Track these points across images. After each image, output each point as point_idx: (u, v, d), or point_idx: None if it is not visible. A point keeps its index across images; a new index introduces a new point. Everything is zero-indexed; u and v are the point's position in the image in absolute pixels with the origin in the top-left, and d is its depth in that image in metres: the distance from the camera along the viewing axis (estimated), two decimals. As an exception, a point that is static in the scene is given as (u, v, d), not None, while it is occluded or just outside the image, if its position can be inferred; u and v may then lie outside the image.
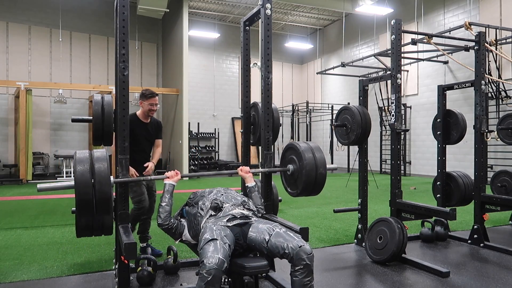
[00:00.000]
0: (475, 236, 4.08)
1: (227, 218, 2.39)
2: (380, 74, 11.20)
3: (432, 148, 10.60)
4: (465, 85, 4.37)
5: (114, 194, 2.58)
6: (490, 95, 8.73)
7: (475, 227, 4.09)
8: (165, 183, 2.63)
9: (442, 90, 4.56)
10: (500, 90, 8.77)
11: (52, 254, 3.82)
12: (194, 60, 14.48)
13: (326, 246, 4.13)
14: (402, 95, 10.19)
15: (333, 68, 12.59)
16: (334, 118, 7.18)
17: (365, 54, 12.83)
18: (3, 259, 3.65)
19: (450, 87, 4.54)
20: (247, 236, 2.35)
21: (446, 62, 10.65)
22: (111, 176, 2.33)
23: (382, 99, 11.14)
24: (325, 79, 15.77)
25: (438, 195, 4.59)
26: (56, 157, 11.48)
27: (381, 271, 3.36)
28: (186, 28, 11.73)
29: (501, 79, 8.70)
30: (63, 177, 10.88)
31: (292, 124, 14.26)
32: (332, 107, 13.85)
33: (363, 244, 3.87)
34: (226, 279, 2.46)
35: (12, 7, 12.45)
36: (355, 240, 4.18)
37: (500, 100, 8.73)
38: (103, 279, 3.17)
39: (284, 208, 6.26)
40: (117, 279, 2.66)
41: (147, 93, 3.69)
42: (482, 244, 4.03)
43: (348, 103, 7.88)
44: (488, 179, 5.71)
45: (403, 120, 10.50)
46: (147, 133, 3.76)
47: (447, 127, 4.55)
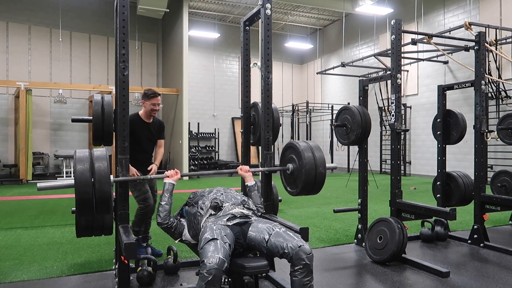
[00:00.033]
0: (475, 236, 4.09)
1: (227, 218, 2.40)
2: (380, 74, 11.20)
3: (432, 148, 10.60)
4: (465, 85, 4.36)
5: (114, 194, 2.59)
6: (490, 95, 8.73)
7: (475, 227, 4.10)
8: (164, 182, 2.64)
9: (442, 90, 4.56)
10: (500, 90, 8.77)
11: (52, 254, 3.82)
12: (194, 60, 14.48)
13: (326, 246, 4.13)
14: (402, 95, 10.19)
15: (333, 68, 12.59)
16: (334, 118, 7.18)
17: (365, 54, 12.83)
18: (3, 259, 3.65)
19: (450, 87, 4.54)
20: (246, 235, 2.35)
21: (446, 62, 10.65)
22: (111, 175, 2.33)
23: (382, 99, 11.14)
24: (325, 79, 15.77)
25: (438, 195, 4.59)
26: (56, 157, 11.47)
27: (381, 271, 3.36)
28: (186, 28, 11.73)
29: (501, 79, 8.70)
30: (63, 177, 10.87)
31: (292, 124, 14.26)
32: (332, 107, 13.86)
33: (363, 244, 3.87)
34: (226, 279, 2.46)
35: (12, 7, 12.45)
36: (355, 240, 4.18)
37: (500, 100, 8.73)
38: (103, 279, 3.17)
39: (284, 208, 6.27)
40: (117, 279, 2.66)
41: (150, 93, 3.68)
42: (482, 244, 4.03)
43: (348, 103, 7.89)
44: (488, 179, 5.71)
45: (403, 120, 10.50)
46: (149, 133, 3.76)
47: (447, 127, 4.55)
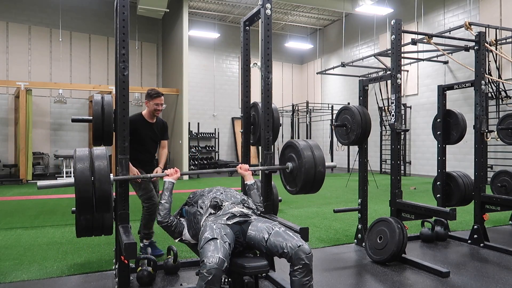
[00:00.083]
0: (475, 236, 4.08)
1: (227, 217, 2.40)
2: (380, 74, 11.19)
3: (432, 148, 10.60)
4: (465, 85, 4.36)
5: (114, 194, 2.59)
6: (490, 95, 8.73)
7: (475, 227, 4.09)
8: (164, 180, 2.64)
9: (442, 90, 4.56)
10: (500, 90, 8.77)
11: (52, 254, 3.82)
12: (194, 60, 14.48)
13: (326, 246, 4.13)
14: (402, 95, 10.19)
15: (333, 68, 12.60)
16: (334, 118, 7.18)
17: (365, 54, 12.83)
18: (3, 259, 3.65)
19: (450, 87, 4.53)
20: (246, 234, 2.35)
21: (446, 62, 10.65)
22: (111, 174, 2.33)
23: (382, 99, 11.13)
24: (325, 79, 15.77)
25: (438, 195, 4.58)
26: (56, 157, 11.47)
27: (381, 271, 3.36)
28: (186, 28, 11.73)
29: (501, 79, 8.70)
30: (63, 177, 10.87)
31: (292, 124, 14.26)
32: (332, 107, 13.86)
33: (363, 244, 3.87)
34: (226, 279, 2.46)
35: (12, 7, 12.44)
36: (355, 240, 4.18)
37: (500, 100, 8.73)
38: (103, 279, 3.16)
39: (284, 208, 6.26)
40: (117, 279, 2.66)
41: (153, 92, 3.67)
42: (482, 244, 4.03)
43: (348, 103, 7.89)
44: (488, 179, 5.71)
45: (403, 120, 10.50)
46: (152, 133, 3.76)
47: (447, 127, 4.55)
